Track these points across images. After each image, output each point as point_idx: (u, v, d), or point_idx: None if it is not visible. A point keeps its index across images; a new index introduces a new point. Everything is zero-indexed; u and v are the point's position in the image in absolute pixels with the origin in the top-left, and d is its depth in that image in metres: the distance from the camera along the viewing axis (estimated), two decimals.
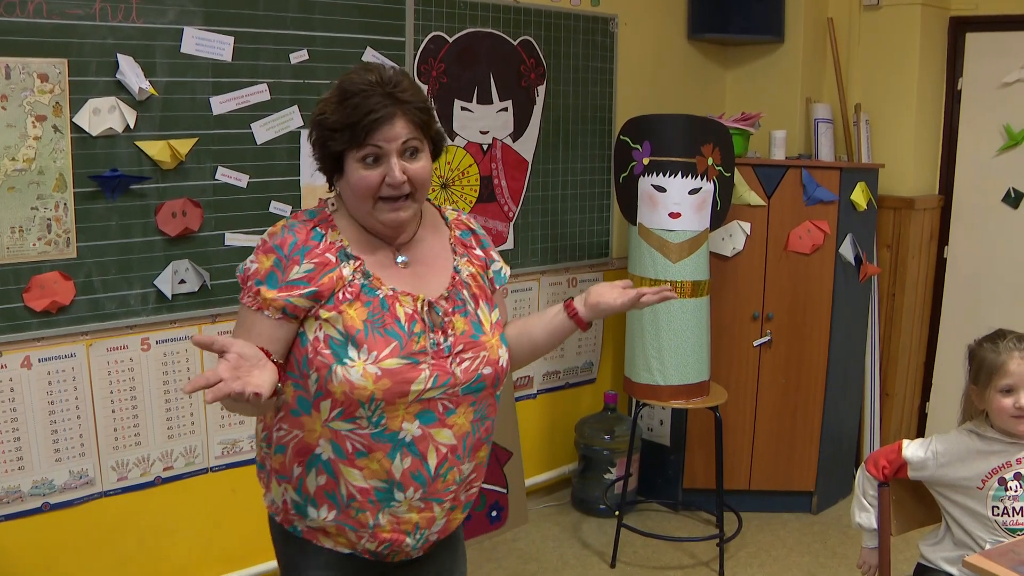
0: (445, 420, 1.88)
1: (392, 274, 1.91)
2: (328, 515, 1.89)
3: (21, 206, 2.87)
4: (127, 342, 3.17)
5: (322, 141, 1.85)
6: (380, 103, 1.80)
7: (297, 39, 3.39)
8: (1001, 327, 2.66)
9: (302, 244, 1.85)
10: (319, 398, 1.83)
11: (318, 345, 1.82)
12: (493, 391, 1.98)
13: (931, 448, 2.60)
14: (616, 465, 4.39)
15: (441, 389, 1.86)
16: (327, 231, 1.89)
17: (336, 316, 1.82)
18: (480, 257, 2.07)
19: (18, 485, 2.99)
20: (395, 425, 1.83)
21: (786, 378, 4.35)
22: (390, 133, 1.81)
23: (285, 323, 1.83)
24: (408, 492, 1.87)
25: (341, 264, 1.86)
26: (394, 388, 1.80)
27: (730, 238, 4.22)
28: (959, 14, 4.69)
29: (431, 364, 1.85)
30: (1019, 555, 2.20)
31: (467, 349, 1.91)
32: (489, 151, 4.07)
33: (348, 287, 1.84)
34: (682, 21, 4.81)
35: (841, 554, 4.10)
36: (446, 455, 1.89)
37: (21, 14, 2.79)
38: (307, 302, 1.82)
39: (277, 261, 1.84)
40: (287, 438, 1.90)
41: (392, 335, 1.83)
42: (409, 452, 1.85)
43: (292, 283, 1.82)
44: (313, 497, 1.89)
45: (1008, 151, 4.61)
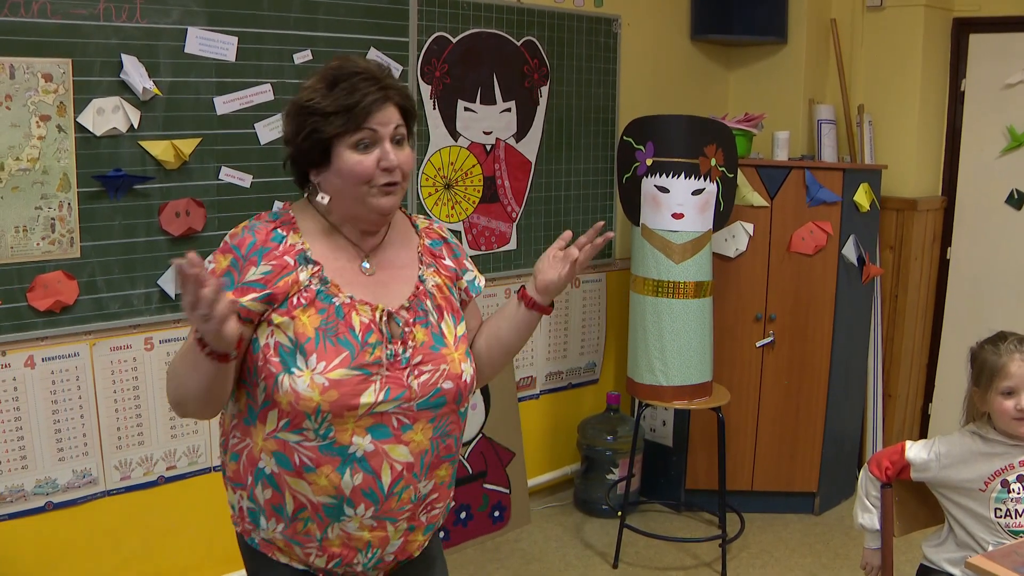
0: (401, 436, 1.79)
1: (353, 281, 1.85)
2: (276, 527, 1.83)
3: (25, 206, 2.87)
4: (130, 342, 3.17)
5: (312, 127, 1.77)
6: (373, 87, 1.77)
7: (301, 39, 3.40)
8: (1003, 329, 2.65)
9: (261, 245, 1.79)
10: (265, 408, 1.77)
11: (268, 352, 1.76)
12: (455, 407, 1.89)
13: (934, 450, 2.60)
14: (619, 466, 4.39)
15: (395, 403, 1.78)
16: (288, 233, 1.83)
17: (288, 322, 1.76)
18: (450, 267, 2.01)
19: (21, 484, 3.00)
20: (344, 439, 1.75)
21: (789, 379, 4.35)
22: (384, 117, 1.78)
23: (239, 327, 1.73)
24: (359, 509, 1.79)
25: (299, 268, 1.79)
26: (341, 400, 1.73)
27: (733, 239, 4.22)
28: (962, 15, 4.69)
29: (384, 376, 1.77)
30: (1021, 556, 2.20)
31: (426, 361, 1.83)
32: (492, 151, 4.07)
33: (303, 292, 1.78)
34: (685, 22, 4.81)
35: (844, 555, 4.10)
36: (401, 472, 1.80)
37: (25, 14, 2.79)
38: (261, 305, 1.76)
39: (234, 261, 1.78)
40: (240, 446, 1.85)
41: (344, 344, 1.76)
42: (360, 468, 1.77)
43: (247, 284, 1.76)
44: (263, 508, 1.83)
45: (1011, 152, 4.61)
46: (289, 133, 1.84)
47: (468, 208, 4.03)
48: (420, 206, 3.86)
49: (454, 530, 4.03)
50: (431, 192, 3.89)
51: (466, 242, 4.04)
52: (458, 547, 4.04)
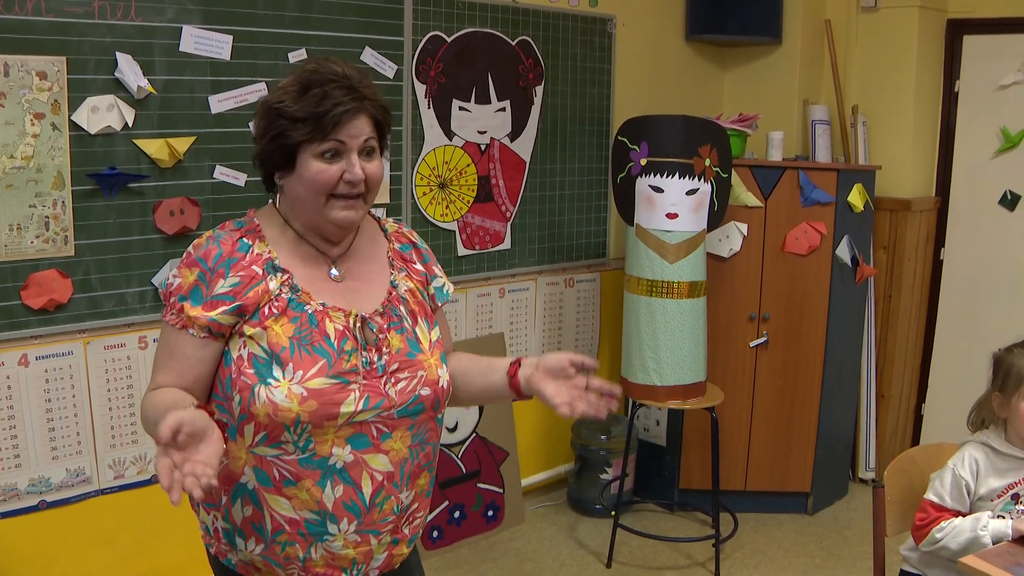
0: (380, 445, 1.75)
1: (323, 288, 1.80)
2: (256, 548, 1.77)
3: (19, 204, 2.87)
4: (125, 340, 3.17)
5: (279, 131, 1.72)
6: (346, 96, 1.71)
7: (296, 38, 3.40)
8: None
9: (227, 256, 1.74)
10: (243, 422, 1.71)
11: (241, 364, 1.71)
12: (433, 414, 1.85)
13: (963, 481, 2.52)
14: (612, 465, 4.39)
15: (374, 412, 1.73)
16: (254, 242, 1.78)
17: (260, 332, 1.71)
18: (420, 272, 1.96)
19: (15, 483, 3.00)
20: (324, 450, 1.70)
21: (782, 379, 4.36)
22: (354, 129, 1.73)
23: (211, 342, 1.73)
24: (342, 524, 1.74)
25: (268, 277, 1.74)
26: (321, 410, 1.68)
27: (727, 239, 4.23)
28: (956, 16, 4.70)
29: (362, 385, 1.73)
30: (1014, 556, 2.21)
31: (403, 368, 1.79)
32: (487, 151, 4.07)
33: (274, 301, 1.73)
34: (680, 22, 4.82)
35: (837, 555, 4.11)
36: (382, 483, 1.76)
37: (20, 12, 2.79)
38: (232, 318, 1.72)
39: (201, 275, 1.73)
40: None
41: (320, 353, 1.71)
42: (341, 480, 1.72)
43: (216, 298, 1.71)
44: (240, 528, 1.77)
45: (1005, 153, 4.62)
46: (255, 131, 1.80)
47: (462, 207, 4.03)
48: (415, 205, 3.86)
49: (448, 529, 4.03)
50: (426, 191, 3.89)
51: (460, 242, 4.04)
52: (451, 546, 4.04)
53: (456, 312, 4.10)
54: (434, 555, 3.97)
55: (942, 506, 2.53)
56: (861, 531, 4.30)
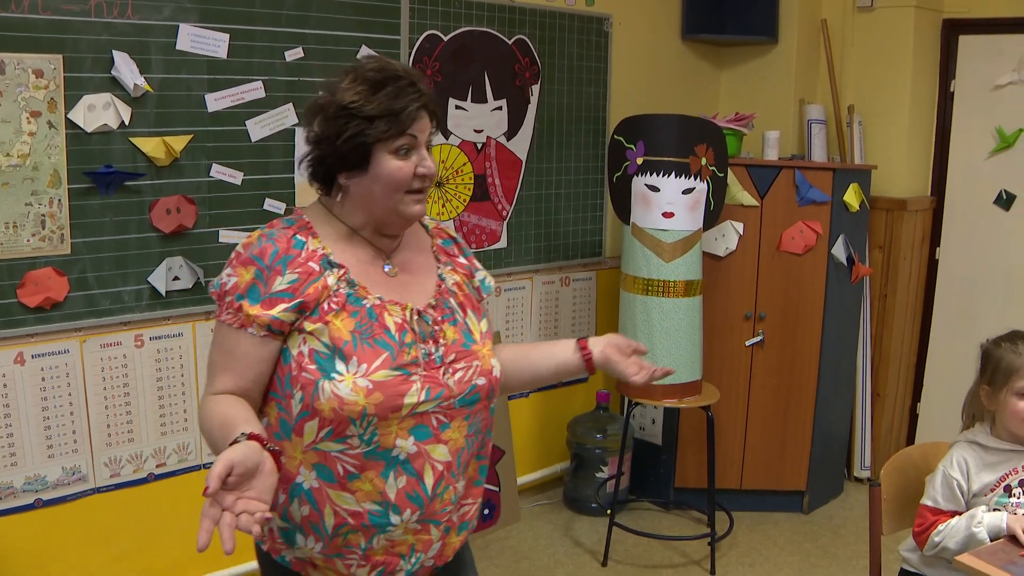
0: (440, 435, 1.77)
1: (378, 282, 1.81)
2: (315, 546, 1.78)
3: (15, 202, 2.86)
4: (121, 338, 3.17)
5: (355, 131, 1.72)
6: (412, 91, 1.74)
7: (292, 37, 3.40)
8: (1016, 328, 2.60)
9: (283, 253, 1.74)
10: (303, 419, 1.72)
11: (302, 361, 1.71)
12: (487, 403, 1.88)
13: (955, 482, 2.52)
14: (608, 464, 4.40)
15: (435, 402, 1.75)
16: (308, 238, 1.78)
17: (322, 328, 1.71)
18: (464, 265, 1.99)
19: (11, 481, 2.99)
20: (388, 442, 1.72)
21: (778, 378, 4.36)
22: (423, 124, 1.76)
23: (270, 340, 1.73)
24: (405, 515, 1.76)
25: (325, 273, 1.75)
26: (387, 402, 1.70)
27: (723, 238, 4.23)
28: (952, 16, 4.71)
29: (423, 376, 1.75)
30: (1008, 554, 2.22)
31: (459, 359, 1.81)
32: (483, 150, 4.08)
33: (333, 297, 1.74)
34: (676, 21, 4.82)
35: (832, 554, 4.12)
36: (443, 473, 1.78)
37: (16, 10, 2.79)
38: (292, 315, 1.71)
39: (258, 272, 1.72)
40: None
41: (382, 346, 1.73)
42: (404, 471, 1.74)
43: (275, 295, 1.71)
44: (300, 526, 1.78)
45: (1000, 153, 4.63)
46: (322, 134, 1.76)
47: (459, 206, 4.03)
48: None
49: None
50: None
51: None
52: None
53: None
54: None
55: (938, 509, 2.53)
56: (856, 530, 4.31)
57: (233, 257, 1.76)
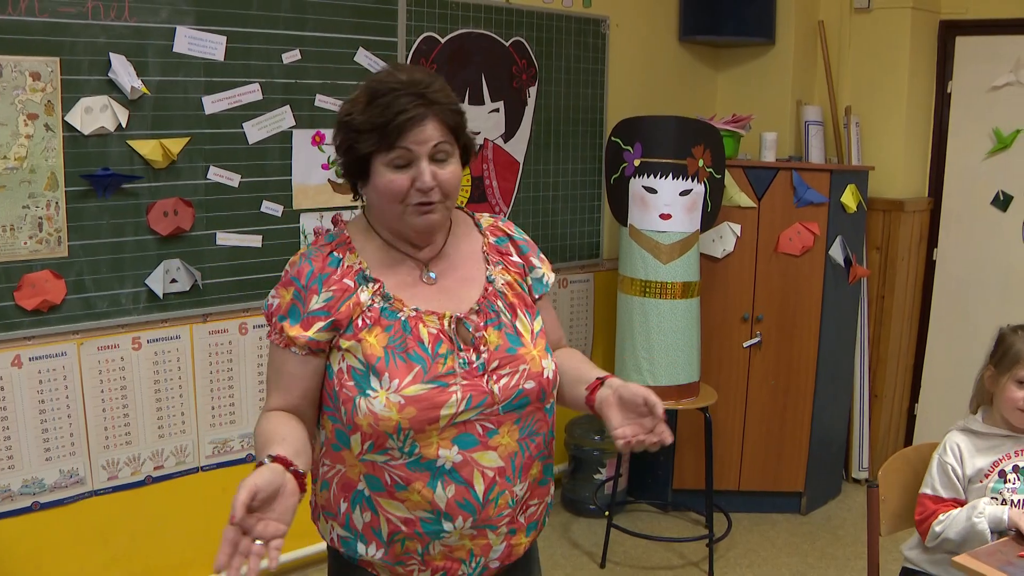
0: (488, 442, 1.75)
1: (416, 293, 1.80)
2: (376, 553, 1.79)
3: (12, 204, 2.86)
4: (118, 341, 3.17)
5: (348, 143, 1.74)
6: (411, 103, 1.70)
7: (289, 39, 3.40)
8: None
9: (319, 272, 1.76)
10: (350, 431, 1.74)
11: (342, 377, 1.74)
12: (540, 405, 1.84)
13: (949, 469, 2.56)
14: (606, 465, 4.40)
15: (477, 410, 1.73)
16: (344, 255, 1.79)
17: (355, 345, 1.73)
18: (518, 264, 1.94)
19: (8, 484, 2.99)
20: (431, 453, 1.71)
21: (775, 379, 4.36)
22: (421, 136, 1.71)
23: (312, 359, 1.76)
24: (457, 522, 1.74)
25: (359, 289, 1.76)
26: (420, 415, 1.69)
27: (720, 239, 4.23)
28: (949, 18, 4.72)
29: (463, 385, 1.72)
30: (1006, 555, 2.22)
31: (504, 364, 1.78)
32: (480, 152, 4.08)
33: (367, 312, 1.74)
34: (674, 23, 4.82)
35: (830, 555, 4.12)
36: (494, 479, 1.76)
37: (13, 12, 2.79)
38: (328, 334, 1.74)
39: (296, 293, 1.76)
40: (330, 474, 1.81)
41: (415, 359, 1.72)
42: (452, 480, 1.72)
43: (312, 315, 1.74)
44: (361, 533, 1.79)
45: (997, 154, 4.64)
46: (334, 145, 1.81)
47: None
48: None
49: None
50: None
51: None
52: None
53: None
54: None
55: (937, 497, 2.56)
56: (854, 531, 4.31)
57: (281, 277, 1.81)
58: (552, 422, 1.92)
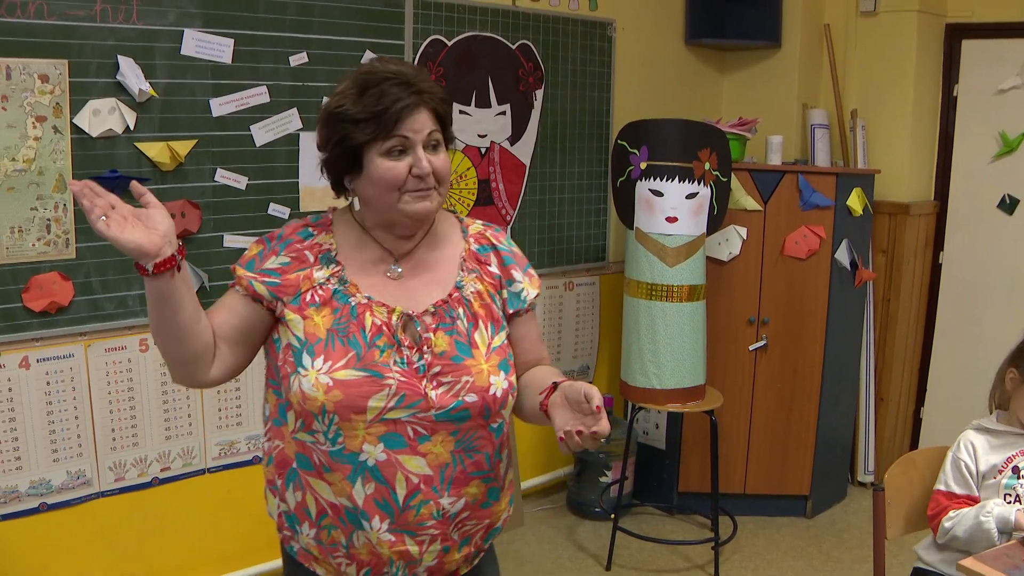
0: (417, 447, 1.72)
1: (375, 283, 1.81)
2: (309, 532, 1.80)
3: (21, 206, 2.87)
4: (125, 343, 3.17)
5: (342, 134, 1.74)
6: (404, 92, 1.72)
7: (296, 42, 3.41)
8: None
9: (286, 237, 1.82)
10: (287, 407, 1.77)
11: (286, 352, 1.76)
12: (484, 422, 1.78)
13: (963, 465, 2.60)
14: (612, 468, 4.40)
15: (409, 411, 1.71)
16: (319, 232, 1.84)
17: (298, 320, 1.75)
18: (494, 275, 1.90)
19: (16, 485, 3.00)
20: (354, 445, 1.71)
21: (781, 382, 4.36)
22: (416, 124, 1.73)
23: (251, 301, 1.79)
24: (374, 522, 1.74)
25: (317, 265, 1.79)
26: (347, 401, 1.69)
27: (726, 243, 4.23)
28: (955, 21, 4.71)
29: (399, 382, 1.72)
30: (1012, 559, 2.21)
31: (446, 372, 1.75)
32: (487, 155, 4.08)
33: (317, 290, 1.77)
34: (680, 26, 4.83)
35: (836, 558, 4.11)
36: (419, 486, 1.73)
37: (22, 15, 2.80)
38: (269, 293, 1.77)
39: (260, 251, 1.82)
40: (272, 449, 1.83)
41: (352, 345, 1.72)
42: (372, 478, 1.72)
43: (263, 271, 1.79)
44: (294, 512, 1.82)
45: (1003, 157, 4.63)
46: (321, 140, 1.81)
47: (462, 211, 4.03)
48: None
49: None
50: None
51: None
52: None
53: None
54: None
55: (951, 493, 2.58)
56: (860, 534, 4.31)
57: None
58: (501, 443, 1.85)
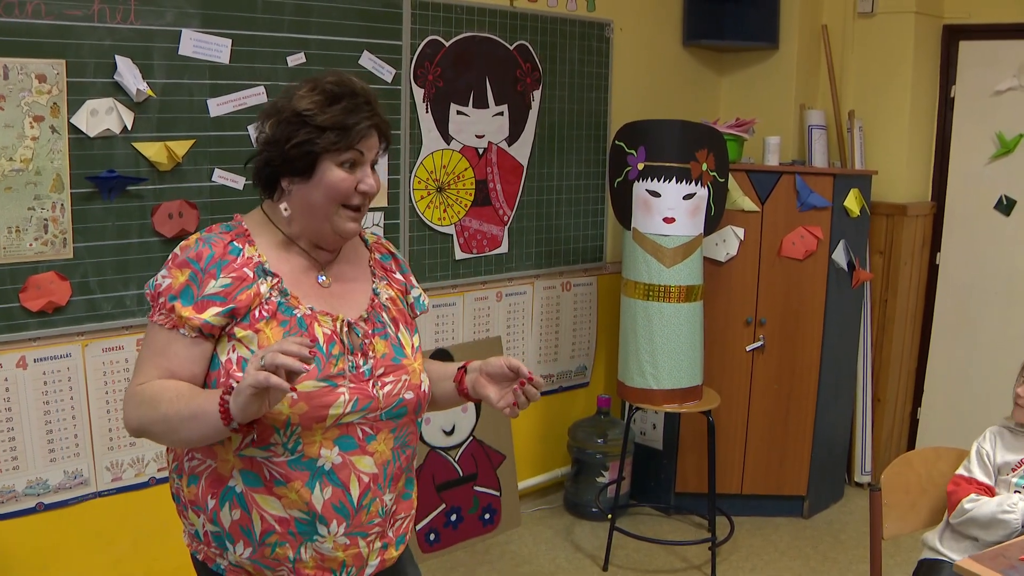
0: (366, 447, 1.79)
1: (310, 293, 1.84)
2: (244, 552, 1.79)
3: (18, 206, 2.87)
4: (123, 343, 3.17)
5: (304, 138, 1.76)
6: (368, 111, 1.80)
7: (294, 42, 3.41)
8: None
9: (219, 258, 1.77)
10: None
11: (231, 368, 1.73)
12: (414, 417, 1.91)
13: (985, 454, 2.73)
14: (609, 469, 4.40)
15: (360, 413, 1.78)
16: (244, 245, 1.81)
17: (251, 336, 1.74)
18: (400, 281, 2.02)
19: (12, 485, 3.00)
20: (313, 452, 1.74)
21: (778, 383, 4.37)
22: (371, 142, 1.81)
23: (201, 342, 1.75)
24: (332, 526, 1.77)
25: (259, 280, 1.78)
26: (311, 412, 1.72)
27: (724, 243, 4.24)
28: (952, 22, 4.72)
29: (350, 387, 1.77)
30: (1009, 559, 2.22)
31: (388, 372, 1.84)
32: (484, 155, 4.08)
33: (265, 304, 1.76)
34: (677, 27, 4.83)
35: (832, 559, 4.12)
36: (368, 484, 1.80)
37: (20, 15, 2.80)
38: (223, 320, 1.74)
39: (192, 275, 1.75)
40: (200, 468, 1.79)
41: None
42: (330, 481, 1.76)
43: (207, 298, 1.73)
44: (229, 532, 1.79)
45: (1000, 158, 4.64)
46: (273, 137, 1.80)
47: (460, 211, 4.04)
48: (412, 209, 3.87)
49: (444, 532, 4.03)
50: (423, 195, 3.90)
51: (458, 245, 4.05)
52: (448, 549, 4.05)
53: (453, 316, 4.11)
54: (431, 558, 3.97)
55: (971, 478, 2.70)
56: (857, 535, 4.31)
57: (170, 259, 1.79)
58: (418, 437, 1.99)
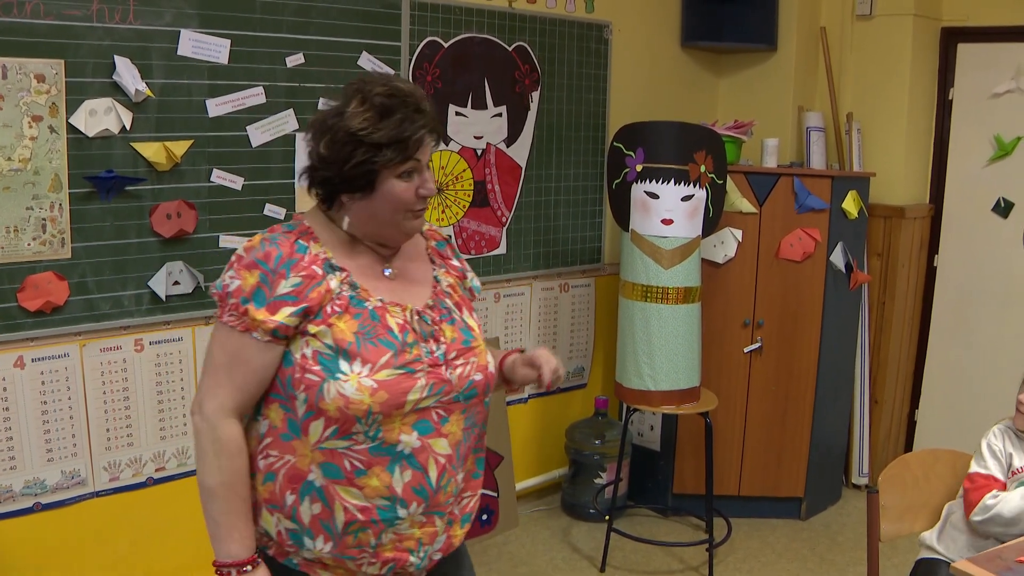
0: (441, 429, 1.82)
1: (378, 285, 1.86)
2: (324, 547, 1.79)
3: (16, 206, 2.87)
4: (120, 343, 3.17)
5: (363, 158, 1.75)
6: (419, 117, 1.78)
7: (293, 43, 3.41)
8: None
9: (287, 257, 1.77)
10: (308, 419, 1.75)
11: (306, 363, 1.75)
12: (483, 398, 1.93)
13: (996, 450, 2.73)
14: (606, 470, 4.40)
15: (436, 397, 1.81)
16: (310, 243, 1.81)
17: (325, 330, 1.75)
18: (457, 268, 2.05)
19: (10, 485, 3.00)
20: (393, 437, 1.76)
21: (776, 385, 4.37)
22: (426, 149, 1.82)
23: (274, 346, 1.75)
24: (411, 508, 1.80)
25: (328, 276, 1.79)
26: (391, 400, 1.74)
27: (722, 245, 4.24)
28: (951, 25, 4.72)
29: (427, 373, 1.80)
30: (1005, 561, 2.22)
31: (460, 355, 1.88)
32: (483, 156, 4.08)
33: (336, 299, 1.78)
34: (676, 29, 4.83)
35: (830, 560, 4.12)
36: (444, 465, 1.83)
37: (19, 15, 2.80)
38: (297, 319, 1.75)
39: (263, 276, 1.75)
40: (277, 464, 1.79)
41: (386, 345, 1.77)
42: (409, 465, 1.78)
43: (279, 299, 1.74)
44: (308, 528, 1.79)
45: (998, 161, 4.64)
46: (329, 157, 1.78)
47: (458, 212, 4.04)
48: None
49: None
50: None
51: (456, 246, 4.05)
52: None
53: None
54: None
55: (989, 475, 2.69)
56: (854, 536, 4.32)
57: (235, 260, 1.79)
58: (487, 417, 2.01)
